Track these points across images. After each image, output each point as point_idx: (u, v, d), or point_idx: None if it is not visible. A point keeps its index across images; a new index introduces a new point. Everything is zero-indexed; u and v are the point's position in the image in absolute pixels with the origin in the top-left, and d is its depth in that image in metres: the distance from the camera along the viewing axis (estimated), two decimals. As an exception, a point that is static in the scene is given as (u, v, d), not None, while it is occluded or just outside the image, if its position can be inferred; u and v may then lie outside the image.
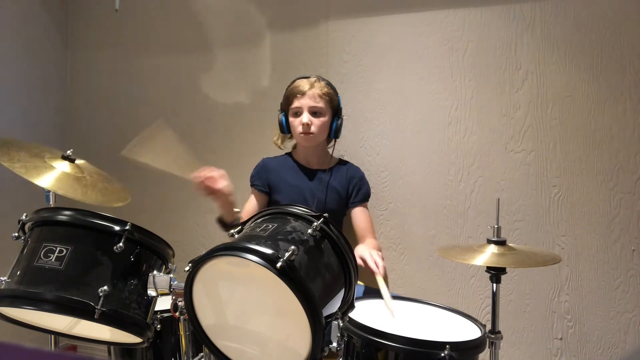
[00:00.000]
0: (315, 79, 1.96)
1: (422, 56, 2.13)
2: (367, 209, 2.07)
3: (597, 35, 1.91)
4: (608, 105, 1.91)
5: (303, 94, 1.92)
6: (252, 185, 2.05)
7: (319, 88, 1.93)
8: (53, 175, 1.59)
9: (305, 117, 1.92)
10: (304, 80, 1.96)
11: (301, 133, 1.93)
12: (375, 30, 2.21)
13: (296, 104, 1.94)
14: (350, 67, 2.25)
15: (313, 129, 1.92)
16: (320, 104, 1.93)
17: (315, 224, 1.06)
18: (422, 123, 2.14)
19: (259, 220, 1.15)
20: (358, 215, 2.01)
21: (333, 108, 1.98)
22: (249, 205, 2.03)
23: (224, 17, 2.47)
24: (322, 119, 1.94)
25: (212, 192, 1.60)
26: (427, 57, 2.13)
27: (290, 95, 1.96)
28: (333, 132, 1.98)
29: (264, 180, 2.02)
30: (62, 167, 1.64)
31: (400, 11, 2.17)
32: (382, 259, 1.74)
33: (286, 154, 2.10)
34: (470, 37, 2.06)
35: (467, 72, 2.07)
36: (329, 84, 1.98)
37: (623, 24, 1.88)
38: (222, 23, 2.48)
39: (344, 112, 2.22)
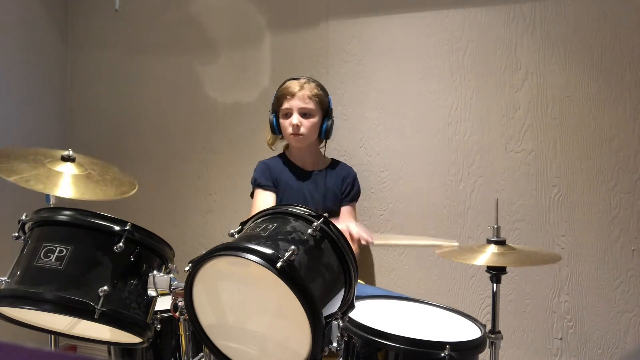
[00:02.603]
0: (305, 80, 1.96)
1: (422, 56, 2.13)
2: (355, 209, 2.07)
3: (597, 35, 1.91)
4: (608, 105, 1.91)
5: (293, 95, 1.93)
6: (259, 186, 1.98)
7: (308, 89, 1.94)
8: (66, 181, 1.57)
9: (295, 118, 1.92)
10: (294, 81, 1.96)
11: (291, 134, 1.94)
12: (375, 30, 2.21)
13: (286, 105, 1.94)
14: (350, 67, 2.25)
15: (302, 130, 1.93)
16: (310, 105, 1.93)
17: (315, 224, 1.06)
18: (422, 123, 2.14)
19: (259, 220, 1.15)
20: (344, 214, 2.01)
21: (323, 109, 1.97)
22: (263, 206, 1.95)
23: (224, 17, 2.47)
24: (311, 120, 1.94)
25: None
26: (427, 57, 2.13)
27: (280, 97, 1.97)
28: (323, 133, 1.98)
29: (272, 179, 1.99)
30: (67, 169, 1.63)
31: (400, 11, 2.17)
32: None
33: (280, 154, 2.09)
34: (470, 37, 2.06)
35: (467, 72, 2.07)
36: (319, 85, 1.98)
37: (623, 24, 1.88)
38: (222, 23, 2.48)
39: (344, 112, 2.23)
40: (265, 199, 1.95)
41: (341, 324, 1.25)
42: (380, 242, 1.73)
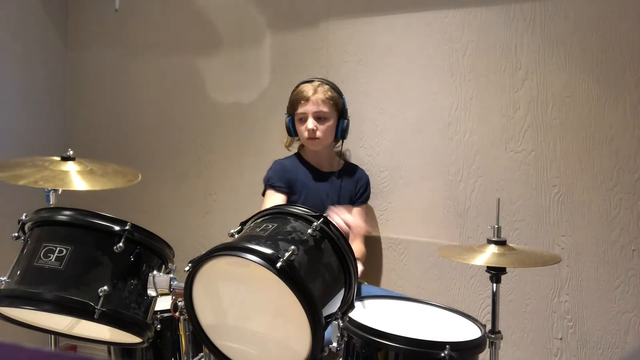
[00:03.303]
0: (318, 83, 1.96)
1: (422, 56, 2.13)
2: (364, 211, 2.09)
3: (597, 35, 1.91)
4: (608, 105, 1.91)
5: (307, 99, 1.92)
6: (271, 186, 1.96)
7: (322, 93, 1.93)
8: (72, 177, 1.61)
9: (311, 123, 1.92)
10: (308, 85, 1.96)
11: (307, 138, 1.95)
12: (375, 30, 2.20)
13: (301, 110, 1.94)
14: (350, 67, 2.24)
15: (318, 134, 1.93)
16: (325, 109, 1.93)
17: (315, 224, 1.06)
18: (422, 123, 2.14)
19: (259, 220, 1.15)
20: (356, 214, 2.02)
21: (338, 110, 1.98)
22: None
23: (224, 17, 2.47)
24: (327, 124, 1.95)
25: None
26: (427, 57, 2.13)
27: (294, 101, 1.97)
28: (340, 133, 2.00)
29: (285, 181, 1.96)
30: (70, 167, 1.66)
31: (400, 11, 2.17)
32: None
33: (295, 154, 2.09)
34: (470, 37, 2.06)
35: (467, 72, 2.07)
36: (333, 87, 1.98)
37: (623, 24, 1.88)
38: (222, 23, 2.48)
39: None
40: (276, 201, 1.93)
41: (341, 324, 1.25)
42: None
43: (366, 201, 2.11)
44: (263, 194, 2.01)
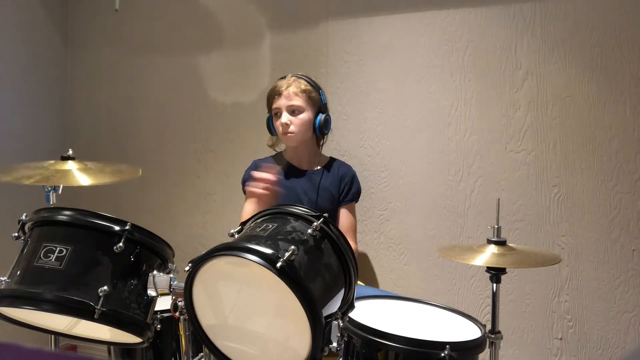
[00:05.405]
0: (293, 78, 1.94)
1: (422, 56, 2.13)
2: (354, 209, 2.05)
3: (597, 35, 1.91)
4: (608, 105, 1.91)
5: (280, 94, 1.91)
6: (247, 186, 1.99)
7: (295, 86, 1.91)
8: (73, 174, 1.69)
9: (284, 117, 1.90)
10: (282, 80, 1.95)
11: (282, 133, 1.92)
12: (375, 30, 2.21)
13: (275, 104, 1.93)
14: (350, 67, 2.24)
15: (292, 128, 1.89)
16: (297, 102, 1.90)
17: (315, 224, 1.06)
18: (422, 123, 2.14)
19: (258, 220, 1.15)
20: (342, 215, 1.98)
21: (314, 104, 1.94)
22: (249, 208, 1.94)
23: (224, 17, 2.47)
24: (301, 117, 1.90)
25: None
26: (427, 57, 2.13)
27: (269, 97, 1.96)
28: (317, 128, 1.93)
29: None
30: (69, 165, 1.72)
31: (400, 11, 2.17)
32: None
33: (275, 154, 2.08)
34: (470, 37, 2.06)
35: (467, 72, 2.07)
36: (308, 81, 1.95)
37: (623, 24, 1.88)
38: (222, 23, 2.48)
39: (344, 112, 2.23)
40: (250, 202, 1.93)
41: (341, 324, 1.25)
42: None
43: (355, 199, 2.02)
44: (244, 193, 2.01)
